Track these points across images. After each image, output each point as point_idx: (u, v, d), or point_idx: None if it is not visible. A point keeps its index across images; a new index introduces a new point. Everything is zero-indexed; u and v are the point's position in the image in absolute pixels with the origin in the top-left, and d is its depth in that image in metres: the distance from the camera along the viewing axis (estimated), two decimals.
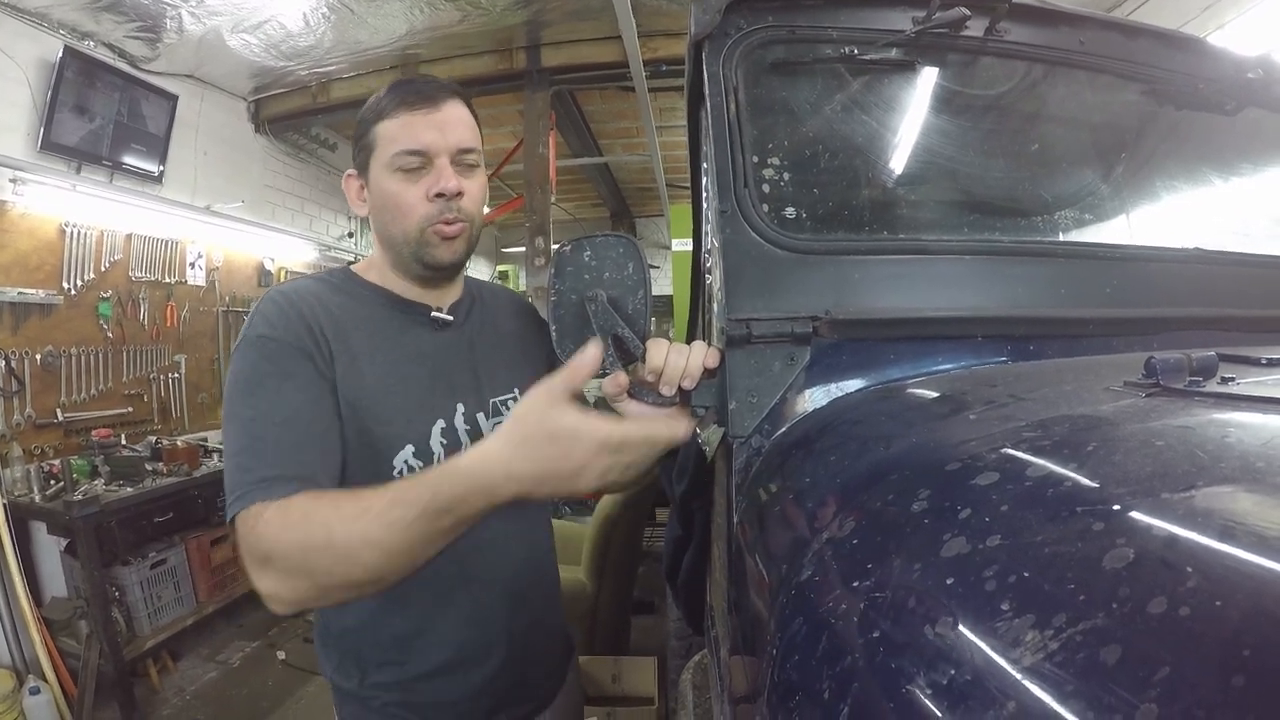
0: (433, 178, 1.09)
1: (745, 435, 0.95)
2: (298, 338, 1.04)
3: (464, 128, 1.12)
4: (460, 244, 1.14)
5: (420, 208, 1.10)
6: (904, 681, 0.42)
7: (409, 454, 1.09)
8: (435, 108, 1.09)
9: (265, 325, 1.04)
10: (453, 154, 1.10)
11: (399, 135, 1.09)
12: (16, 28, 3.70)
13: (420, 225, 1.11)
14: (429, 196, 1.09)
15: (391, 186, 1.10)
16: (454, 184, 1.09)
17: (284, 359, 1.02)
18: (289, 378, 1.01)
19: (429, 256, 1.13)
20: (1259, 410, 0.56)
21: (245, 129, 5.55)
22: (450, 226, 1.11)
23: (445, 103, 1.11)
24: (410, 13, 4.16)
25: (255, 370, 1.01)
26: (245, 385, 1.00)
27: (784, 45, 1.11)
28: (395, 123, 1.09)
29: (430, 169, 1.10)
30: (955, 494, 0.53)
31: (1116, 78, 1.26)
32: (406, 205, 1.10)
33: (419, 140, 1.08)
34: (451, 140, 1.10)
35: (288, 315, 1.06)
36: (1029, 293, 1.07)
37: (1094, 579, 0.38)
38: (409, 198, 1.10)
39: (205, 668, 4.06)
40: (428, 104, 1.09)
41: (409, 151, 1.08)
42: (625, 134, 7.16)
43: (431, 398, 1.14)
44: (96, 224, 4.17)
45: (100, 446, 3.99)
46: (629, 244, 1.01)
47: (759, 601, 0.76)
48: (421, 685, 1.16)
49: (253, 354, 1.02)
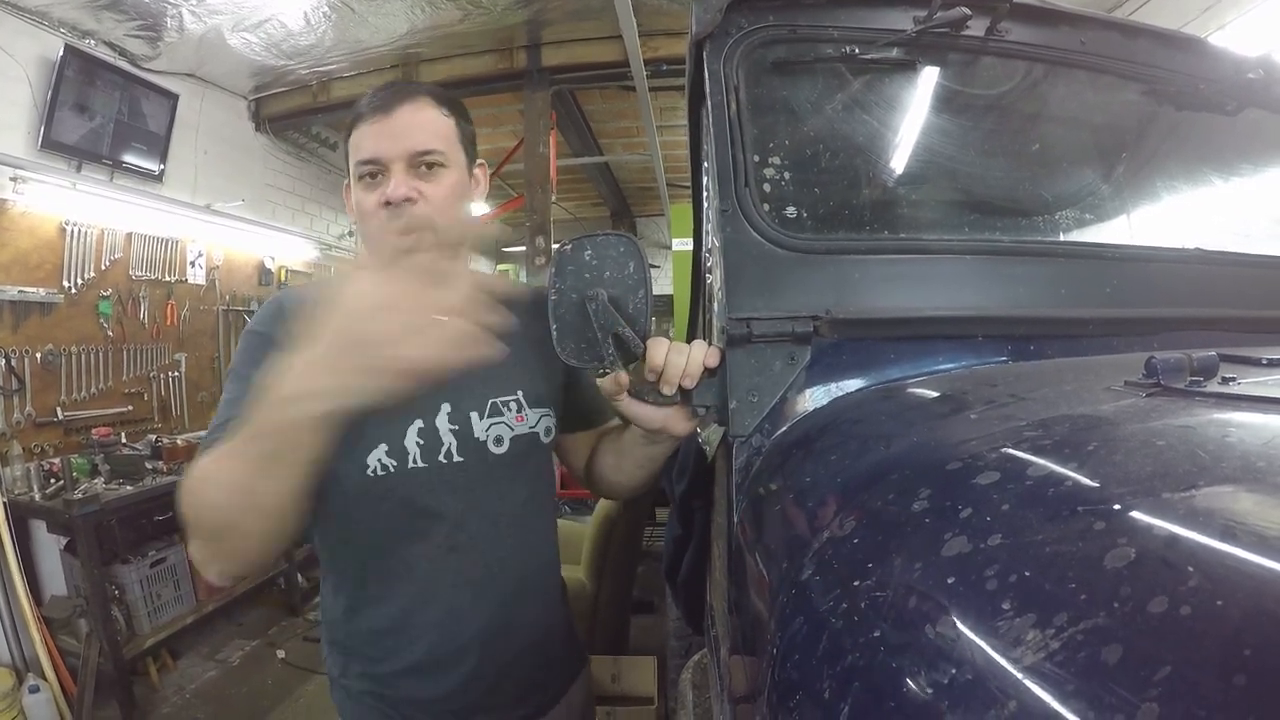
0: (388, 185, 1.10)
1: (746, 434, 0.95)
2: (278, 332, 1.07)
3: (420, 130, 1.12)
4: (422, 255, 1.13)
5: (376, 215, 1.11)
6: (905, 681, 0.42)
7: (382, 452, 1.09)
8: (388, 115, 1.10)
9: (255, 321, 1.14)
10: (408, 159, 1.10)
11: (359, 145, 1.12)
12: (17, 26, 3.70)
13: (376, 233, 1.13)
14: (380, 205, 1.10)
15: (356, 195, 1.14)
16: (401, 191, 1.09)
17: (260, 350, 1.05)
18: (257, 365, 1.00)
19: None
20: (1260, 410, 0.56)
21: (246, 128, 5.55)
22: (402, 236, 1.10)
23: (400, 107, 1.11)
24: (411, 12, 4.16)
25: (237, 359, 1.11)
26: (231, 372, 1.10)
27: (785, 45, 1.11)
28: (357, 133, 1.12)
29: (386, 177, 1.10)
30: (956, 493, 0.53)
31: (1117, 78, 1.26)
32: (367, 212, 1.12)
33: (371, 149, 1.10)
34: (404, 146, 1.10)
35: (275, 314, 1.12)
36: (1029, 292, 1.06)
37: (1095, 578, 0.38)
38: (368, 205, 1.12)
39: (205, 666, 4.06)
40: (380, 112, 1.10)
41: (362, 161, 1.11)
42: (626, 133, 7.15)
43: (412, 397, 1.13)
44: (97, 223, 4.17)
45: (100, 445, 3.98)
46: (629, 243, 1.01)
47: (759, 601, 0.76)
48: (394, 681, 1.16)
49: (241, 345, 1.13)
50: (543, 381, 1.25)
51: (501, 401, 1.20)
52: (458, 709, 1.18)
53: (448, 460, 1.13)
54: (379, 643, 1.15)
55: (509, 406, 1.20)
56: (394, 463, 1.10)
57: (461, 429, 1.15)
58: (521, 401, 1.21)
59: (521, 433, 1.20)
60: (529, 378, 1.23)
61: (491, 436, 1.17)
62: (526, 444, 1.21)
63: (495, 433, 1.18)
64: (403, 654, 1.15)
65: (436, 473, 1.13)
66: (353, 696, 1.20)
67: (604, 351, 0.99)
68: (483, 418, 1.18)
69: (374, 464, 1.09)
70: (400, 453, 1.10)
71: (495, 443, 1.17)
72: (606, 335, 0.97)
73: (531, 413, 1.22)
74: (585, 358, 1.02)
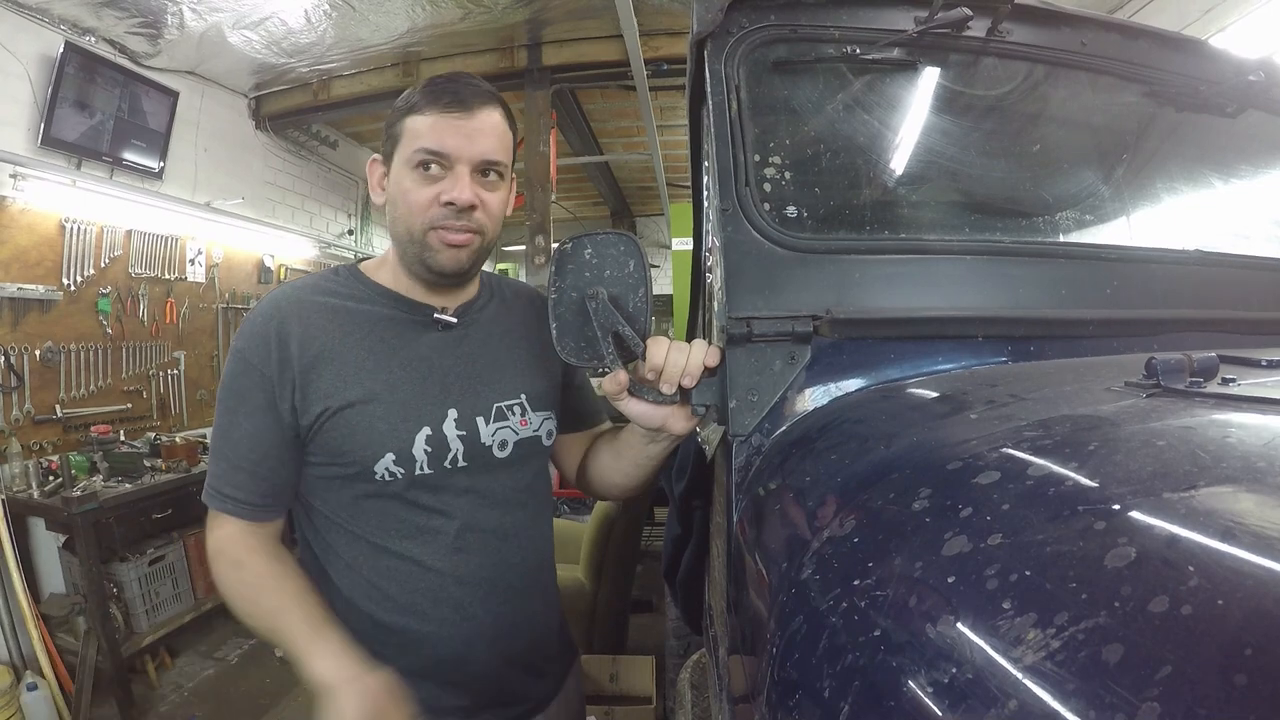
0: (448, 183, 1.08)
1: (745, 434, 0.94)
2: (263, 361, 1.10)
3: (493, 139, 1.10)
4: (465, 254, 1.12)
5: (429, 209, 1.09)
6: (905, 680, 0.42)
7: (389, 461, 1.09)
8: (467, 113, 1.07)
9: (244, 339, 1.13)
10: (475, 164, 1.09)
11: (425, 133, 1.07)
12: (18, 23, 3.69)
13: (425, 226, 1.09)
14: (439, 201, 1.08)
15: (406, 183, 1.09)
16: (467, 195, 1.07)
17: (243, 381, 1.11)
18: (242, 402, 1.11)
19: (431, 260, 1.12)
20: (1260, 411, 0.56)
21: (246, 126, 5.55)
22: (456, 235, 1.10)
23: (479, 110, 1.09)
24: (411, 10, 4.16)
25: (226, 384, 1.13)
26: (220, 395, 1.15)
27: (786, 44, 1.11)
28: (424, 120, 1.07)
29: (449, 174, 1.08)
30: (956, 493, 0.53)
31: (1118, 79, 1.26)
32: (416, 204, 1.09)
33: (443, 143, 1.07)
34: (477, 150, 1.08)
35: (264, 336, 1.11)
36: (1030, 293, 1.07)
37: (1096, 578, 0.38)
38: (420, 197, 1.08)
39: (203, 664, 4.05)
40: (460, 108, 1.07)
41: (430, 151, 1.07)
42: (626, 133, 7.15)
43: (420, 403, 1.13)
44: (96, 220, 4.16)
45: (99, 443, 3.98)
46: (630, 242, 1.01)
47: (758, 600, 0.76)
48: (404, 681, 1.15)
49: (229, 367, 1.14)
50: (544, 382, 1.25)
51: (506, 406, 1.20)
52: (466, 705, 1.18)
53: (453, 466, 1.14)
54: (385, 642, 1.14)
55: (513, 410, 1.20)
56: (401, 470, 1.10)
57: (469, 434, 1.15)
58: (525, 405, 1.21)
59: (525, 436, 1.21)
60: (531, 379, 1.23)
61: (497, 441, 1.18)
62: (529, 447, 1.22)
63: (500, 437, 1.18)
64: (412, 654, 1.15)
65: (443, 478, 1.13)
66: None
67: (604, 350, 0.98)
68: (489, 422, 1.18)
69: (382, 471, 1.09)
70: (408, 460, 1.10)
71: (500, 447, 1.18)
72: (606, 334, 0.97)
73: (535, 416, 1.22)
74: (585, 356, 1.02)
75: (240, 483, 1.11)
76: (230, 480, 1.11)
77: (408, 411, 1.12)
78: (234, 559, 1.11)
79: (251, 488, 1.12)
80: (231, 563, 1.11)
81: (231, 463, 1.11)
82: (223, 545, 1.12)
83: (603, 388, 1.06)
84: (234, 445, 1.11)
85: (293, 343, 1.10)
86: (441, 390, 1.15)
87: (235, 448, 1.11)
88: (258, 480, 1.12)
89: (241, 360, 1.11)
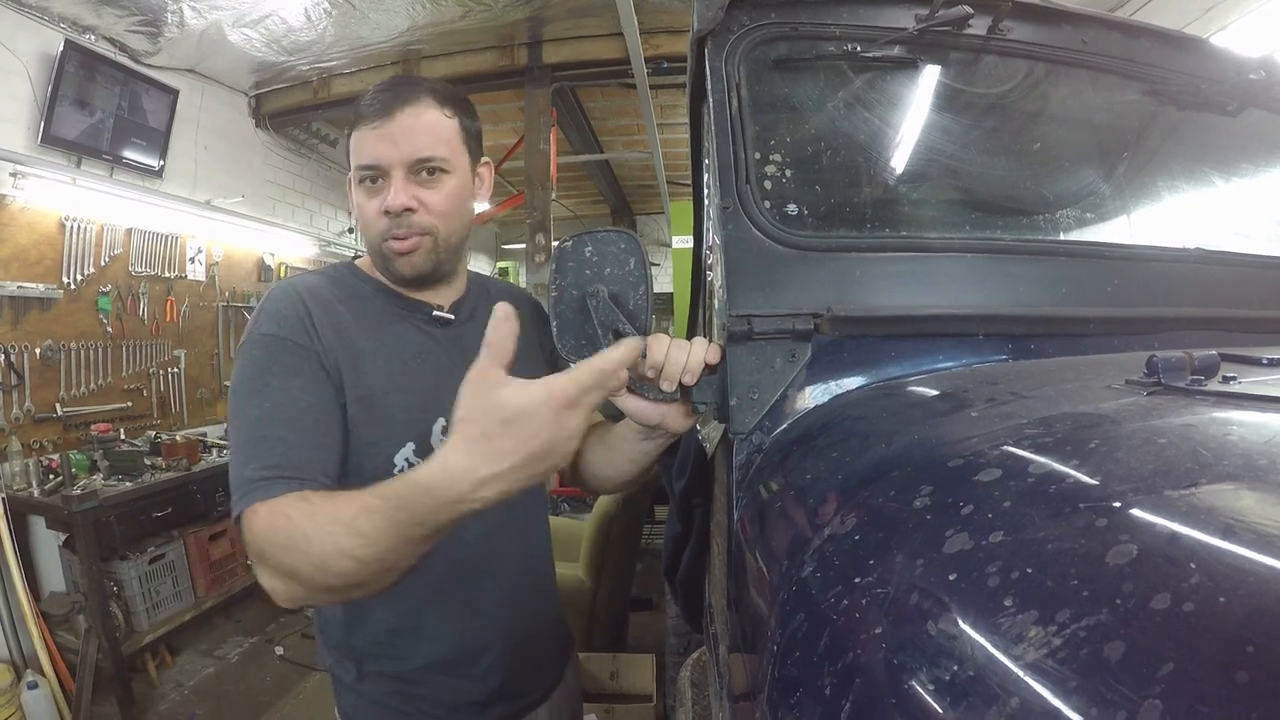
0: (388, 192, 1.08)
1: (746, 432, 0.94)
2: (304, 335, 1.05)
3: (421, 135, 1.08)
4: (418, 257, 1.12)
5: (376, 222, 1.10)
6: (906, 678, 0.42)
7: (409, 451, 1.09)
8: (388, 118, 1.07)
9: (272, 324, 1.05)
10: (408, 165, 1.08)
11: (357, 149, 1.09)
12: (18, 21, 3.69)
13: (378, 239, 1.11)
14: (380, 211, 1.09)
15: (356, 199, 1.12)
16: (400, 200, 1.07)
17: (291, 357, 1.03)
18: (295, 375, 1.02)
19: (391, 269, 1.14)
20: (1261, 409, 0.55)
21: (246, 124, 5.54)
22: (401, 242, 1.10)
23: (401, 111, 1.07)
24: (412, 8, 4.15)
25: (261, 368, 1.02)
26: (252, 383, 1.01)
27: (787, 42, 1.11)
28: (358, 134, 1.09)
29: (387, 183, 1.08)
30: (957, 490, 0.53)
31: (1119, 77, 1.26)
32: (367, 219, 1.11)
33: (370, 154, 1.08)
34: (405, 152, 1.07)
35: (295, 313, 1.07)
36: (1030, 291, 1.06)
37: (1097, 575, 0.38)
38: (367, 212, 1.11)
39: (203, 663, 4.06)
40: (380, 115, 1.07)
41: (363, 166, 1.09)
42: (626, 131, 7.15)
43: (434, 393, 1.13)
44: (96, 218, 4.16)
45: (99, 441, 3.98)
46: (630, 239, 1.01)
47: (759, 598, 0.76)
48: (416, 679, 1.17)
49: (258, 351, 1.03)
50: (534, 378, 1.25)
51: None
52: (480, 700, 1.19)
53: None
54: (397, 642, 1.15)
55: None
56: (420, 460, 1.09)
57: None
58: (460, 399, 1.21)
59: None
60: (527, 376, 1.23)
61: None
62: None
63: None
64: (426, 651, 1.15)
65: None
66: (367, 699, 1.18)
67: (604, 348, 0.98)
68: None
69: (401, 463, 1.09)
70: (427, 451, 1.10)
71: None
72: (607, 332, 0.97)
73: None
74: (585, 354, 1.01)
75: (311, 463, 0.95)
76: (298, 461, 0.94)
77: (424, 401, 1.12)
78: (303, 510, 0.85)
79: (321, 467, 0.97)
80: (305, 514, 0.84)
81: (293, 443, 0.96)
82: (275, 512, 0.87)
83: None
84: (296, 422, 0.98)
85: (318, 320, 1.08)
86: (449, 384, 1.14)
87: (298, 424, 0.98)
88: (329, 456, 0.99)
89: (277, 342, 1.03)
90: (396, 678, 1.17)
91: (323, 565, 0.79)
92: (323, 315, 1.09)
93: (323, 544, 0.79)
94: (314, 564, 0.80)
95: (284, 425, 0.97)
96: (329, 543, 0.79)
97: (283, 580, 0.83)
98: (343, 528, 0.78)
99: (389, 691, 1.17)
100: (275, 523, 0.85)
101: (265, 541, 0.85)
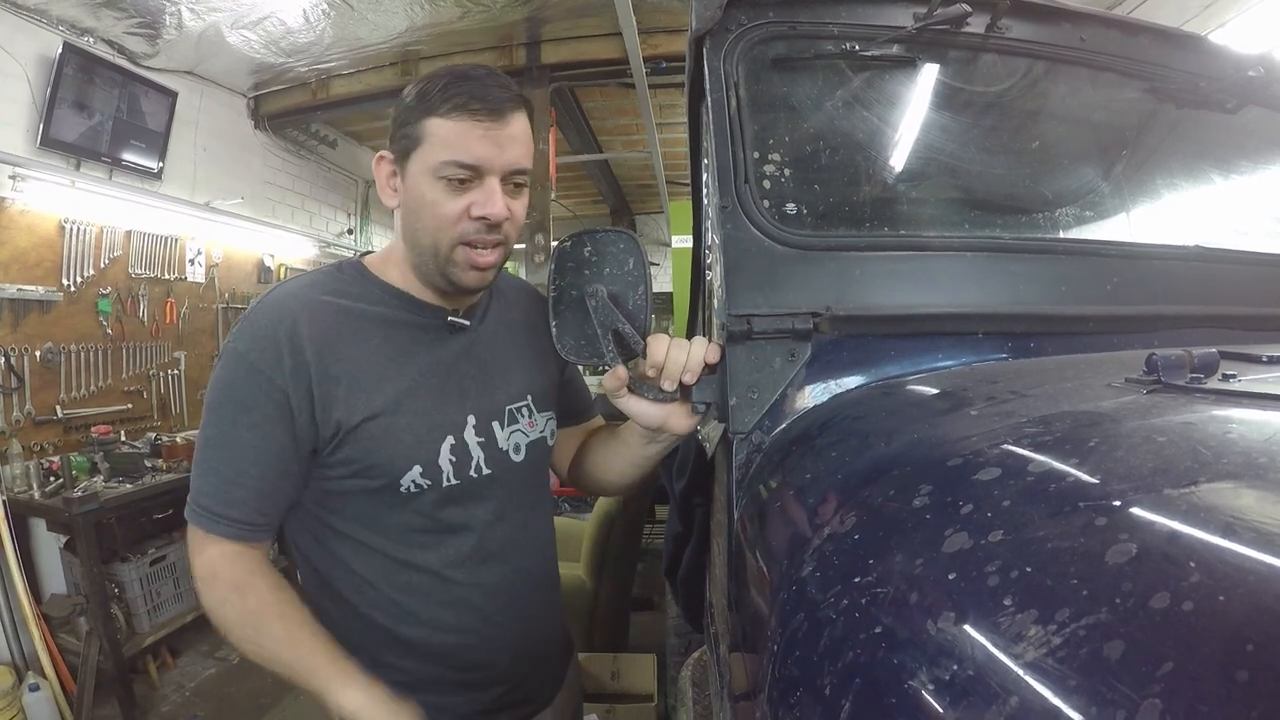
0: (480, 195, 1.01)
1: (746, 431, 0.94)
2: (272, 367, 1.01)
3: (522, 146, 1.04)
4: (491, 273, 1.08)
5: (459, 224, 1.02)
6: (906, 677, 0.42)
7: (416, 474, 1.06)
8: (499, 121, 1.00)
9: (247, 340, 1.03)
10: (505, 174, 1.02)
11: (453, 142, 0.99)
12: (16, 23, 3.69)
13: (454, 241, 1.03)
14: (470, 214, 1.01)
15: (431, 194, 1.01)
16: (502, 209, 1.01)
17: (248, 390, 1.02)
18: (245, 411, 1.02)
19: (455, 277, 1.06)
20: (1261, 407, 0.55)
21: (245, 125, 5.54)
22: (486, 254, 1.04)
23: (510, 115, 1.01)
24: (410, 9, 4.15)
25: (223, 389, 1.04)
26: (213, 400, 1.04)
27: (785, 41, 1.11)
28: (451, 125, 0.99)
29: (478, 185, 1.01)
30: (957, 489, 0.53)
31: (1117, 75, 1.26)
32: (444, 218, 1.02)
33: (474, 154, 0.99)
34: (508, 160, 1.01)
35: (274, 339, 1.02)
36: (1029, 289, 1.06)
37: (1097, 574, 0.38)
38: (448, 210, 1.01)
39: (205, 664, 4.06)
40: (492, 115, 0.99)
41: (461, 164, 0.99)
42: (625, 131, 7.14)
43: (442, 411, 1.10)
44: (96, 220, 4.16)
45: (100, 443, 3.98)
46: (629, 239, 1.01)
47: (759, 598, 0.76)
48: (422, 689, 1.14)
49: (226, 371, 1.04)
50: (545, 380, 1.25)
51: (516, 408, 1.19)
52: (488, 709, 1.18)
53: (478, 474, 1.12)
54: (408, 654, 1.13)
55: (522, 413, 1.19)
56: (428, 481, 1.07)
57: (487, 440, 1.14)
58: (532, 407, 1.21)
59: (535, 438, 1.20)
60: (535, 378, 1.23)
61: (512, 445, 1.17)
62: (539, 449, 1.22)
63: (515, 441, 1.17)
64: (435, 664, 1.13)
65: (469, 486, 1.11)
66: None
67: (603, 348, 0.98)
68: (504, 427, 1.16)
69: (408, 484, 1.06)
70: (435, 471, 1.08)
71: (515, 451, 1.17)
72: (606, 332, 0.97)
73: (540, 417, 1.22)
74: (585, 354, 1.02)
75: (236, 500, 1.02)
76: (224, 498, 1.02)
77: (431, 420, 1.09)
78: (233, 582, 1.03)
79: (250, 506, 1.03)
80: (232, 587, 1.02)
81: (226, 478, 1.02)
82: (217, 568, 1.03)
83: (603, 385, 1.06)
84: (231, 460, 1.02)
85: (307, 348, 1.02)
86: (459, 396, 1.12)
87: (232, 462, 1.02)
88: (259, 498, 1.03)
89: (244, 365, 1.01)
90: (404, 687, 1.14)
91: (219, 621, 1.05)
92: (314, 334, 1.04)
93: (225, 614, 1.04)
94: (213, 616, 1.05)
95: (226, 459, 1.03)
96: (232, 617, 1.03)
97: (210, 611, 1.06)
98: (249, 621, 1.03)
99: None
100: (214, 588, 1.04)
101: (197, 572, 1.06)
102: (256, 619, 1.02)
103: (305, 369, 1.02)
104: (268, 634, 1.01)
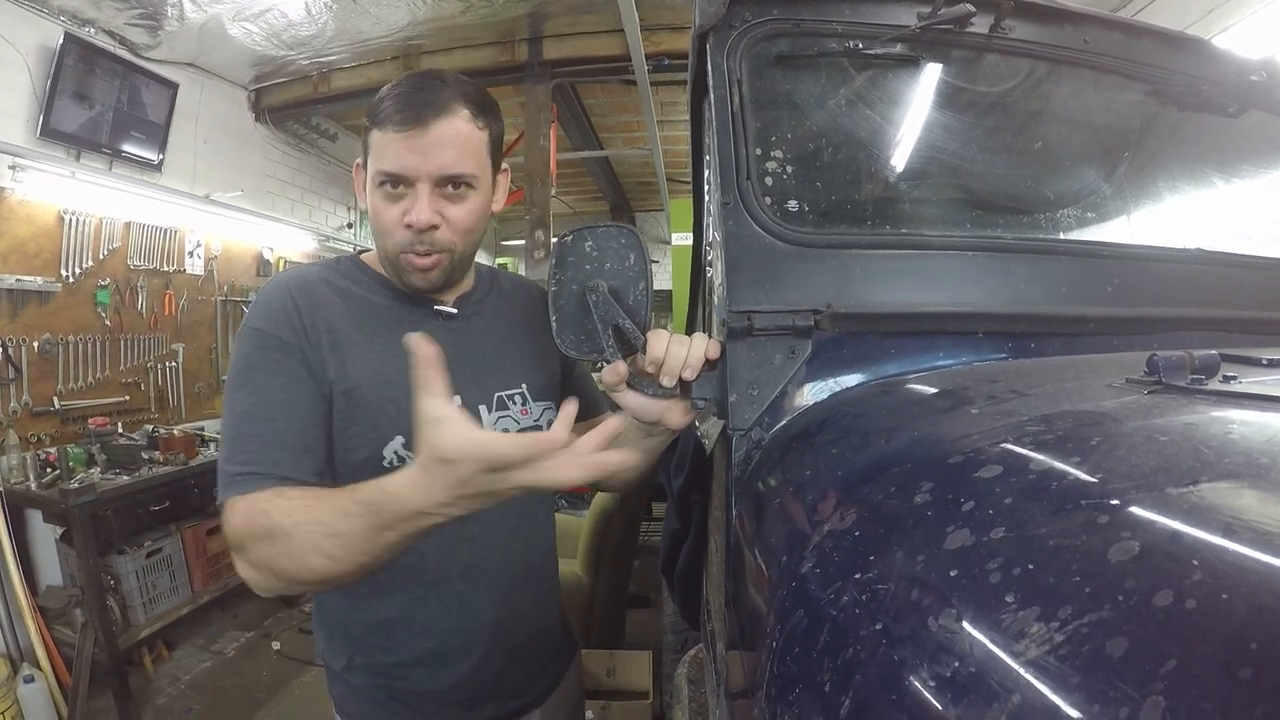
0: (409, 202, 1.05)
1: (745, 428, 0.94)
2: (289, 331, 1.05)
3: (452, 150, 1.04)
4: (435, 273, 1.11)
5: (395, 232, 1.07)
6: (907, 674, 0.42)
7: (399, 444, 1.08)
8: (421, 128, 1.01)
9: (260, 318, 1.07)
10: (434, 180, 1.04)
11: (383, 152, 1.04)
12: (17, 14, 3.67)
13: (395, 249, 1.08)
14: (402, 223, 1.05)
15: (374, 202, 1.08)
16: (425, 217, 1.04)
17: (275, 353, 1.04)
18: (276, 373, 1.04)
19: (405, 279, 1.12)
20: (1261, 408, 0.55)
21: (245, 118, 5.53)
22: (421, 259, 1.08)
23: (435, 121, 1.02)
24: (412, 3, 4.15)
25: (247, 363, 1.05)
26: (237, 377, 1.05)
27: (788, 38, 1.11)
28: (382, 136, 1.03)
29: (410, 193, 1.05)
30: (958, 487, 0.53)
31: (1120, 77, 1.26)
32: (384, 226, 1.08)
33: (399, 163, 1.03)
34: (433, 166, 1.03)
35: (284, 308, 1.07)
36: (1030, 290, 1.06)
37: (1099, 572, 0.38)
38: (386, 219, 1.07)
39: (200, 657, 4.06)
40: (412, 124, 1.01)
41: (387, 174, 1.04)
42: (626, 128, 7.14)
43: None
44: (95, 212, 4.15)
45: (97, 435, 3.98)
46: (630, 235, 1.01)
47: (757, 595, 0.76)
48: (403, 672, 1.16)
49: (246, 346, 1.06)
50: (545, 374, 1.25)
51: (507, 395, 1.20)
52: (467, 698, 1.19)
53: None
54: (388, 633, 1.14)
55: (514, 400, 1.20)
56: (410, 454, 1.06)
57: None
58: (526, 395, 1.21)
59: (527, 426, 1.20)
60: (532, 370, 1.23)
61: (498, 430, 1.17)
62: None
63: (502, 426, 1.18)
64: (413, 644, 1.15)
65: None
66: (355, 690, 1.19)
67: (603, 343, 0.98)
68: (490, 411, 1.18)
69: (390, 455, 1.08)
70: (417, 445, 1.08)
71: None
72: (606, 327, 0.97)
73: (535, 406, 1.22)
74: (585, 349, 1.01)
75: (280, 460, 0.97)
76: (269, 459, 0.97)
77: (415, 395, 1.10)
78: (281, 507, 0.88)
79: (292, 463, 0.98)
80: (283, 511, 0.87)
81: (266, 442, 0.98)
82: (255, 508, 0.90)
83: (602, 379, 1.06)
84: (268, 419, 1.00)
85: (305, 315, 1.07)
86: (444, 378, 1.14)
87: (270, 421, 1.00)
88: (300, 454, 1.00)
89: (262, 336, 1.05)
90: (383, 669, 1.17)
91: (300, 561, 0.84)
92: (312, 310, 1.08)
93: (300, 541, 0.84)
94: (292, 559, 0.85)
95: (262, 422, 1.00)
96: (307, 541, 0.83)
97: (260, 571, 0.88)
98: (320, 528, 0.83)
99: (375, 684, 1.18)
100: (255, 518, 0.88)
101: (245, 534, 0.89)
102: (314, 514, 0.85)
103: (311, 331, 1.07)
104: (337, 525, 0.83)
